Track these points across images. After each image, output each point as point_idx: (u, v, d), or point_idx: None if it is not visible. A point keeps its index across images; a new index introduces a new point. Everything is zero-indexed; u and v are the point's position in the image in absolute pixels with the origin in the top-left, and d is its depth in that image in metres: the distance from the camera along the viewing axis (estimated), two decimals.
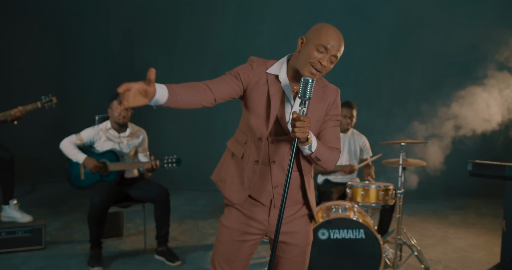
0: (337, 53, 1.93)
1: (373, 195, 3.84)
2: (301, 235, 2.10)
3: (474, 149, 6.11)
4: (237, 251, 2.07)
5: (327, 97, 2.05)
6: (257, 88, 1.99)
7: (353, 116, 4.39)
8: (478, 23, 6.64)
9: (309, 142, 1.87)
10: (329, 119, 2.06)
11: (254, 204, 2.06)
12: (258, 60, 2.05)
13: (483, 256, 4.35)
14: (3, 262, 3.87)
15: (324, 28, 1.95)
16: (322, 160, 1.97)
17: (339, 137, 2.08)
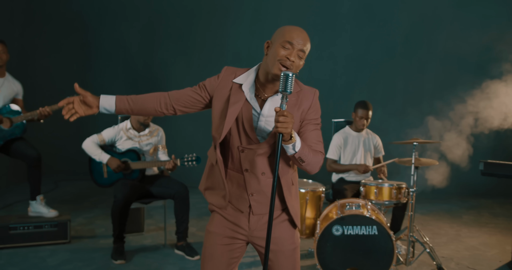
0: (303, 48, 1.93)
1: (386, 193, 3.96)
2: (284, 240, 2.08)
3: (488, 148, 6.14)
4: (220, 255, 2.08)
5: (301, 103, 2.01)
6: (219, 97, 2.02)
7: (369, 117, 4.49)
8: (492, 24, 6.69)
9: (293, 140, 1.86)
10: (308, 123, 2.03)
11: (235, 210, 2.08)
12: (228, 70, 2.07)
13: (495, 254, 4.43)
14: (31, 254, 4.06)
15: (287, 27, 1.97)
16: (306, 162, 1.95)
17: (321, 140, 2.06)
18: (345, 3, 7.26)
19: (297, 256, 2.13)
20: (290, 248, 2.09)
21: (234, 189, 2.07)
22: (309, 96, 2.04)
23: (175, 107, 2.06)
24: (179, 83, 7.38)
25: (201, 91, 2.06)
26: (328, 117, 5.12)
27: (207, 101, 2.07)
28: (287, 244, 2.08)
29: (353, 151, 4.53)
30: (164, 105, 2.06)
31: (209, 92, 2.05)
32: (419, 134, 5.71)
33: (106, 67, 7.54)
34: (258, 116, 1.98)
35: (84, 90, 1.99)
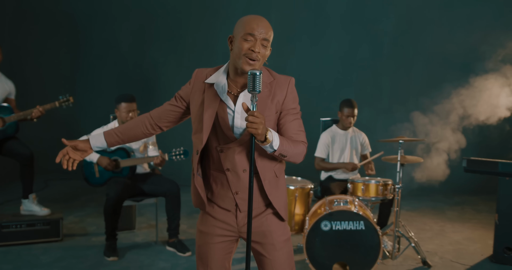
0: (265, 36, 1.91)
1: (372, 189, 4.07)
2: (273, 233, 2.08)
3: (474, 145, 6.26)
4: (213, 252, 2.10)
5: (275, 93, 1.99)
6: (195, 102, 2.04)
7: (355, 115, 4.60)
8: (477, 25, 6.85)
9: (268, 141, 1.85)
10: (286, 114, 2.02)
11: (222, 209, 2.10)
12: (199, 72, 2.08)
13: (478, 248, 4.57)
14: (24, 252, 4.11)
15: (245, 19, 1.95)
16: (288, 156, 1.96)
17: (302, 130, 2.05)
18: (333, 4, 7.37)
19: (290, 247, 2.13)
20: (280, 240, 2.09)
21: (218, 189, 2.08)
22: (284, 85, 2.01)
23: (159, 125, 2.17)
24: (170, 83, 7.46)
25: (177, 102, 2.12)
26: (316, 116, 5.24)
27: (186, 109, 2.13)
28: (276, 236, 2.08)
29: (341, 149, 4.64)
30: (150, 127, 2.17)
31: (185, 100, 2.10)
32: (406, 130, 5.86)
33: (96, 67, 7.57)
34: (233, 113, 1.98)
35: (71, 141, 2.11)
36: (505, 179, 4.15)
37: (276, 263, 2.08)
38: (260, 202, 2.09)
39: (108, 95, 7.44)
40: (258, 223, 2.08)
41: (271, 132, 1.86)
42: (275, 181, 2.10)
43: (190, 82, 2.09)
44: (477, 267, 4.10)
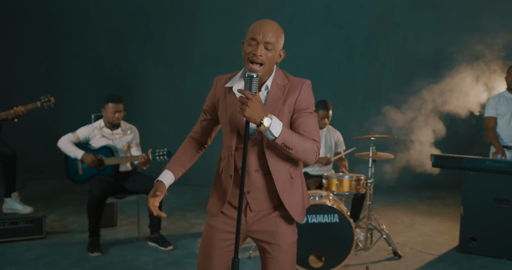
0: (267, 39, 1.94)
1: (346, 184, 4.28)
2: (281, 234, 2.12)
3: (444, 140, 6.53)
4: (217, 246, 2.14)
5: (288, 95, 2.04)
6: (220, 106, 2.12)
7: (329, 116, 4.81)
8: (444, 28, 7.16)
9: (263, 127, 1.86)
10: (299, 114, 2.05)
11: (233, 207, 2.15)
12: (219, 79, 2.16)
13: (445, 240, 4.83)
14: (8, 249, 4.19)
15: (252, 25, 2.00)
16: (294, 149, 1.94)
17: (315, 129, 2.05)
18: (308, 7, 7.58)
19: (295, 250, 2.19)
20: (288, 242, 2.13)
21: (232, 188, 2.12)
22: (297, 87, 2.05)
23: (206, 142, 2.29)
24: (148, 83, 7.56)
25: (207, 115, 2.23)
26: None
27: (217, 118, 2.20)
28: (284, 238, 2.12)
29: None
30: (200, 147, 2.29)
31: (212, 109, 2.19)
32: (379, 127, 6.11)
33: (74, 67, 7.61)
34: None
35: (157, 202, 2.10)
36: (469, 174, 4.41)
37: (280, 264, 2.13)
38: (268, 203, 2.12)
39: (87, 95, 7.52)
40: (267, 223, 2.12)
41: (271, 119, 1.86)
42: (289, 182, 2.11)
43: (212, 90, 2.18)
44: (444, 256, 4.35)
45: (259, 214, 2.13)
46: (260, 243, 2.16)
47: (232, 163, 2.08)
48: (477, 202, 4.39)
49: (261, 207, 2.11)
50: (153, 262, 4.01)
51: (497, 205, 4.31)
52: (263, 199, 2.10)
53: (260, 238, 2.14)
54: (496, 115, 4.83)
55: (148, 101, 7.58)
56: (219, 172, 2.21)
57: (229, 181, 2.11)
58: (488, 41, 6.06)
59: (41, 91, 6.15)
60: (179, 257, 4.13)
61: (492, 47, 5.97)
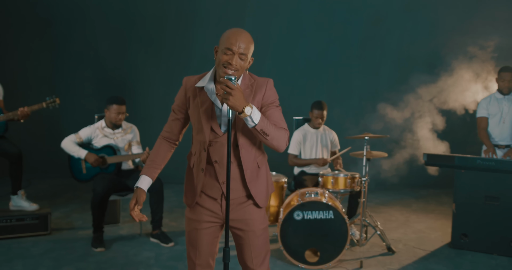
0: (241, 51, 2.14)
1: (341, 182, 4.42)
2: (254, 221, 2.32)
3: (439, 139, 6.66)
4: (201, 237, 2.33)
5: (256, 93, 2.25)
6: (192, 106, 2.30)
7: (324, 116, 4.95)
8: (439, 30, 7.30)
9: (245, 114, 2.06)
10: (267, 107, 2.27)
11: (209, 198, 2.32)
12: (189, 79, 2.34)
13: (438, 236, 4.98)
14: (14, 245, 4.34)
15: (226, 33, 2.19)
16: (270, 136, 2.15)
17: (282, 119, 2.28)
18: (305, 8, 7.72)
19: (267, 234, 2.39)
20: (260, 228, 2.34)
21: (207, 179, 2.30)
22: (263, 85, 2.28)
23: (176, 139, 2.45)
24: (149, 84, 7.70)
25: (177, 114, 2.38)
26: (290, 115, 5.57)
27: (186, 116, 2.37)
28: (257, 224, 2.33)
29: (311, 147, 4.99)
30: (173, 145, 2.46)
31: (182, 108, 2.35)
32: (375, 126, 6.24)
33: (76, 69, 7.73)
34: (220, 111, 2.24)
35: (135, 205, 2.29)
36: (460, 172, 4.56)
37: (255, 247, 2.34)
38: (242, 191, 2.31)
39: (88, 96, 7.66)
40: (241, 212, 2.31)
41: (251, 108, 2.08)
42: (256, 171, 2.33)
43: (181, 89, 2.35)
44: (436, 252, 4.49)
45: (234, 203, 2.30)
46: (235, 230, 2.35)
47: (205, 157, 2.27)
48: (468, 200, 4.53)
49: (234, 196, 2.29)
50: (155, 257, 4.16)
51: (488, 202, 4.45)
52: (236, 188, 2.29)
53: (236, 226, 2.33)
54: (488, 115, 4.98)
55: (148, 101, 7.71)
56: (190, 166, 2.38)
57: (201, 174, 2.30)
58: (481, 43, 6.20)
59: (43, 92, 6.31)
60: (180, 253, 4.27)
61: (484, 49, 6.10)
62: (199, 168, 2.31)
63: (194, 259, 2.38)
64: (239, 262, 2.42)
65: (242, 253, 2.38)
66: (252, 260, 2.35)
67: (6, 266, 3.86)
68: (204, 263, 2.39)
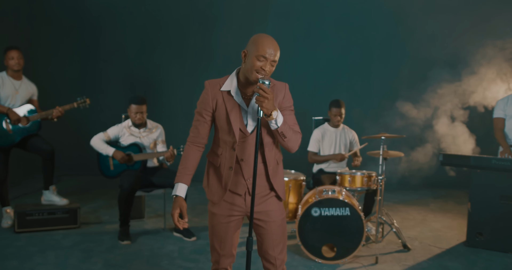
0: (274, 58, 2.32)
1: (358, 180, 4.56)
2: (275, 212, 2.51)
3: (459, 140, 6.72)
4: (226, 230, 2.50)
5: (276, 95, 2.43)
6: (219, 108, 2.42)
7: (342, 114, 5.09)
8: (459, 31, 7.34)
9: (271, 118, 2.26)
10: (284, 110, 2.45)
11: (233, 193, 2.48)
12: (211, 83, 2.44)
13: (454, 235, 5.07)
14: (46, 237, 4.59)
15: (260, 40, 2.31)
16: (288, 137, 2.37)
17: (296, 123, 2.48)
18: (326, 11, 7.85)
19: (285, 225, 2.58)
20: (280, 218, 2.54)
21: (233, 177, 2.46)
22: (282, 88, 2.46)
23: (204, 142, 2.55)
24: (173, 84, 7.94)
25: (203, 117, 2.46)
26: (309, 115, 5.73)
27: (212, 118, 2.47)
28: (277, 215, 2.52)
29: (330, 145, 5.13)
30: (201, 148, 2.53)
31: (208, 110, 2.44)
32: (395, 127, 6.34)
33: (103, 70, 8.01)
34: (246, 113, 2.42)
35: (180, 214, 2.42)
36: (476, 172, 4.64)
37: (276, 237, 2.52)
38: (265, 186, 2.51)
39: (114, 97, 7.93)
40: (263, 205, 2.49)
41: (277, 112, 2.29)
42: (276, 168, 2.54)
43: (206, 92, 2.44)
44: (451, 250, 4.59)
45: (257, 197, 2.47)
46: (257, 221, 2.51)
47: (234, 156, 2.43)
48: (484, 199, 4.61)
49: (257, 191, 2.46)
50: (178, 250, 4.36)
51: (503, 201, 4.53)
52: (260, 183, 2.48)
53: (258, 217, 2.49)
54: (505, 116, 5.05)
55: (173, 101, 7.95)
56: (216, 165, 2.50)
57: (229, 172, 2.45)
58: (501, 44, 6.24)
59: (71, 93, 6.57)
60: (202, 246, 4.47)
61: (504, 50, 6.14)
62: (228, 167, 2.46)
63: (219, 250, 2.56)
64: (259, 253, 2.59)
65: (264, 242, 2.54)
66: (274, 248, 2.53)
67: (40, 256, 4.10)
68: (228, 253, 2.57)
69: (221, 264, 2.58)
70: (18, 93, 4.77)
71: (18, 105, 4.78)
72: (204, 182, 2.60)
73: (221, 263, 2.58)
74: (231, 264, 2.63)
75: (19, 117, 4.66)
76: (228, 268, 2.61)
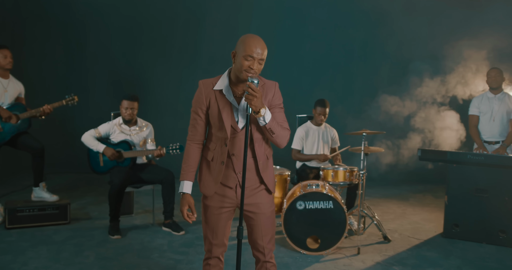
0: (262, 57, 2.44)
1: (341, 175, 4.75)
2: (264, 204, 2.64)
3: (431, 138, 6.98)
4: (217, 221, 2.64)
5: (267, 94, 2.57)
6: (212, 106, 2.57)
7: (326, 113, 5.27)
8: (437, 32, 7.61)
9: (260, 114, 2.40)
10: (274, 108, 2.59)
11: (224, 186, 2.62)
12: (205, 83, 2.59)
13: (432, 227, 5.30)
14: (37, 233, 4.68)
15: (247, 40, 2.45)
16: (276, 134, 2.51)
17: (285, 120, 2.62)
18: (310, 13, 8.05)
19: (274, 217, 2.72)
20: (269, 210, 2.67)
21: (224, 170, 2.59)
22: (272, 87, 2.60)
23: (203, 138, 2.69)
24: (159, 83, 8.04)
25: (200, 116, 2.61)
26: (293, 113, 5.90)
27: (206, 114, 2.61)
28: (267, 207, 2.66)
29: (313, 143, 5.32)
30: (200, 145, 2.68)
31: (203, 109, 2.58)
32: (375, 124, 6.54)
33: (89, 69, 8.08)
34: (237, 111, 2.57)
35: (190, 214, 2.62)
36: (452, 166, 4.87)
37: (265, 227, 2.67)
38: (256, 179, 2.64)
39: (101, 95, 8.01)
40: (253, 197, 2.62)
41: (265, 110, 2.43)
42: (266, 163, 2.67)
43: (200, 92, 2.60)
44: (429, 241, 4.81)
45: (247, 190, 2.61)
46: (248, 213, 2.65)
47: (226, 151, 2.57)
48: (460, 192, 4.85)
49: (247, 184, 2.60)
50: (168, 243, 4.50)
51: (478, 194, 4.76)
52: (251, 177, 2.61)
53: (249, 209, 2.63)
54: (479, 113, 5.29)
55: (159, 99, 8.06)
56: (208, 159, 2.64)
57: (221, 166, 2.59)
58: (477, 45, 6.49)
59: (58, 91, 6.63)
60: (190, 240, 4.61)
61: (480, 51, 6.40)
62: (220, 161, 2.60)
63: (211, 239, 2.71)
64: (249, 241, 2.74)
65: (253, 232, 2.68)
66: (263, 238, 2.68)
67: (32, 251, 4.20)
68: (220, 242, 2.72)
69: (213, 252, 2.72)
70: (6, 91, 4.85)
71: (7, 103, 4.85)
72: (198, 176, 2.74)
73: (214, 252, 2.72)
74: (223, 253, 2.77)
75: (10, 114, 4.74)
76: (220, 257, 2.76)
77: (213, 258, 2.74)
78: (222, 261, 2.78)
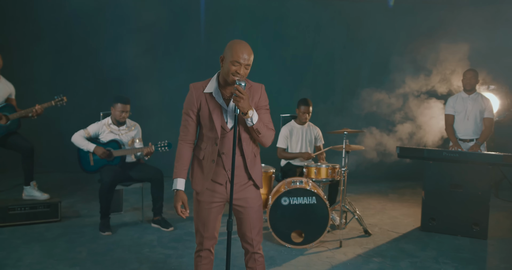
0: (248, 62, 2.60)
1: (323, 172, 4.95)
2: (252, 199, 2.82)
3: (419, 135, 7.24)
4: (208, 215, 2.80)
5: (253, 96, 2.73)
6: (202, 108, 2.73)
7: (310, 112, 5.47)
8: (416, 33, 7.88)
9: (248, 116, 2.57)
10: (260, 109, 2.76)
11: (215, 183, 2.79)
12: (195, 86, 2.75)
13: (411, 221, 5.55)
14: (29, 230, 4.80)
15: (234, 47, 2.60)
16: (262, 134, 2.69)
17: (271, 121, 2.81)
18: (292, 15, 8.26)
19: (261, 210, 2.89)
20: (257, 204, 2.85)
21: (215, 168, 2.76)
22: (258, 89, 2.77)
23: (194, 138, 2.85)
24: (144, 84, 8.15)
25: (191, 117, 2.77)
26: (277, 112, 6.09)
27: (197, 116, 2.78)
28: (255, 202, 2.84)
29: (297, 141, 5.52)
30: (192, 145, 2.83)
31: (194, 110, 2.74)
32: (357, 122, 6.76)
33: (75, 70, 8.15)
34: (226, 112, 2.74)
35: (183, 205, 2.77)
36: (429, 163, 5.12)
37: (253, 220, 2.84)
38: (244, 176, 2.82)
39: (86, 96, 8.09)
40: (242, 193, 2.80)
41: (253, 111, 2.61)
42: (254, 160, 2.85)
43: (191, 94, 2.76)
44: (408, 234, 5.06)
45: (236, 185, 2.78)
46: (237, 207, 2.83)
47: (216, 149, 2.73)
48: (436, 188, 5.09)
49: (237, 180, 2.77)
50: (157, 239, 4.66)
51: (453, 189, 5.02)
52: (239, 174, 2.79)
53: (238, 204, 2.81)
54: (454, 113, 5.55)
55: (143, 101, 8.16)
56: (200, 158, 2.81)
57: (212, 164, 2.76)
58: (454, 47, 6.75)
59: (45, 93, 6.71)
60: (179, 236, 4.78)
61: (456, 53, 6.66)
62: (210, 160, 2.76)
63: (202, 232, 2.88)
64: (239, 234, 2.93)
65: (242, 225, 2.87)
66: (251, 230, 2.87)
67: (25, 247, 4.32)
68: (211, 235, 2.89)
69: (204, 245, 2.90)
70: None
71: None
72: (190, 174, 2.91)
73: (205, 244, 2.90)
74: (213, 246, 2.94)
75: (0, 114, 4.83)
76: (210, 249, 2.93)
77: (204, 250, 2.91)
78: (212, 253, 2.95)
